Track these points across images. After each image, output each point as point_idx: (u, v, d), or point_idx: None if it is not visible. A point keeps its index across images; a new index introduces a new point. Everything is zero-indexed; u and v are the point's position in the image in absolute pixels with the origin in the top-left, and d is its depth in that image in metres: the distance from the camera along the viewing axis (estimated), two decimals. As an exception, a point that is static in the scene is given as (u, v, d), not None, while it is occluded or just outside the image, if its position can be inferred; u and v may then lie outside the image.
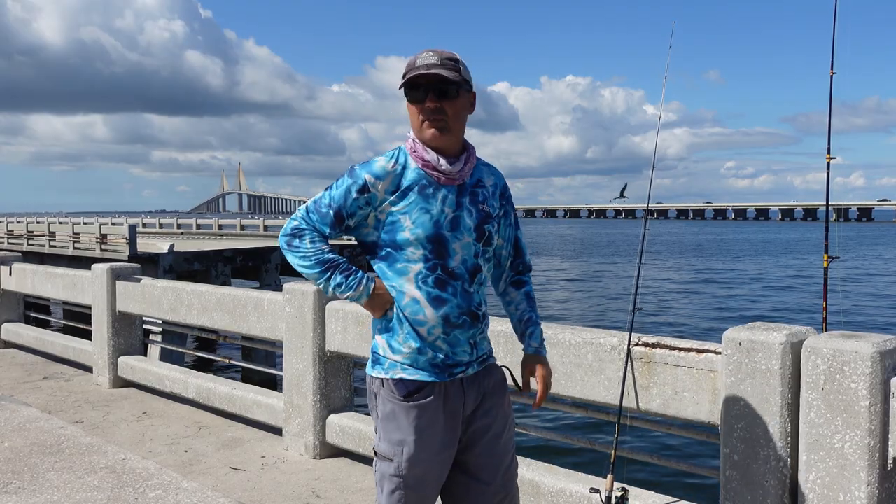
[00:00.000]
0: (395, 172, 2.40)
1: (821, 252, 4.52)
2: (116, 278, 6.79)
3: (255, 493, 4.16)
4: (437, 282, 2.37)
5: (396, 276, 2.39)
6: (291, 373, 4.82)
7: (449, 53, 2.43)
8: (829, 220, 4.50)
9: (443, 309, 2.37)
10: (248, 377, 11.99)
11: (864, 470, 2.61)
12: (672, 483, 7.38)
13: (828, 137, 4.58)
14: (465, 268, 2.41)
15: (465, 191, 2.44)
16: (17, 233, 29.39)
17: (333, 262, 2.42)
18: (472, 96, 2.48)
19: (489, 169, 2.56)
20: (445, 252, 2.38)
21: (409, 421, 2.35)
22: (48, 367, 7.70)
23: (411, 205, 2.37)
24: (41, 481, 4.15)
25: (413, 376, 2.38)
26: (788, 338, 2.82)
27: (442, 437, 2.38)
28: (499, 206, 2.52)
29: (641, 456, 3.56)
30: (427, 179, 2.40)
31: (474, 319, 2.42)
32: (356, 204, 2.39)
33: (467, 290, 2.40)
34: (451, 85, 2.37)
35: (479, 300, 2.43)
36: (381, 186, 2.38)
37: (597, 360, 3.38)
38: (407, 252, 2.38)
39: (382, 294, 2.42)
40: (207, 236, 35.15)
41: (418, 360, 2.39)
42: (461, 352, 2.41)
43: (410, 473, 2.35)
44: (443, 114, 2.37)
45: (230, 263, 21.90)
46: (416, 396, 2.36)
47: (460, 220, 2.41)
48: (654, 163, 3.68)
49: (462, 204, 2.42)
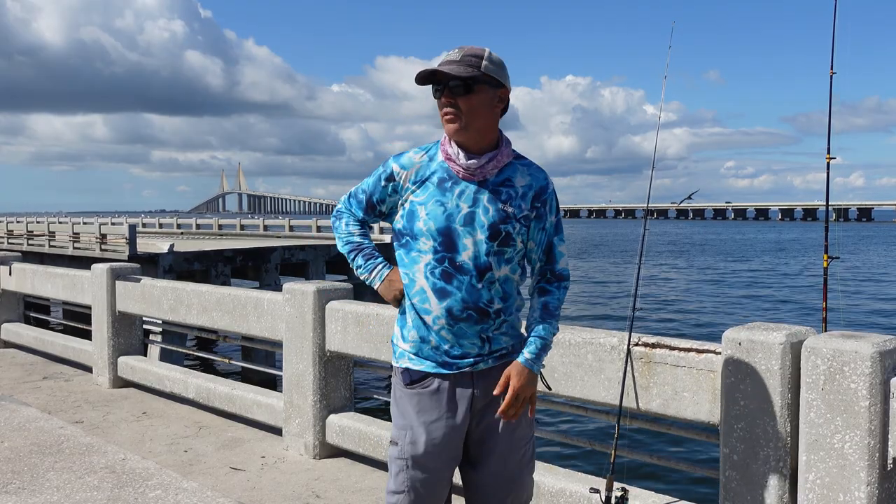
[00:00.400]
0: (422, 163, 2.48)
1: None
2: (116, 278, 6.79)
3: (255, 493, 4.16)
4: (443, 274, 2.41)
5: (410, 265, 2.46)
6: (291, 373, 4.82)
7: (476, 50, 2.43)
8: (829, 220, 4.50)
9: (446, 301, 2.41)
10: (248, 377, 11.99)
11: (863, 470, 2.61)
12: (672, 483, 7.39)
13: (828, 137, 4.58)
14: (475, 264, 2.41)
15: (486, 188, 2.44)
16: (17, 233, 29.38)
17: (358, 245, 2.61)
18: (501, 92, 2.46)
19: (528, 169, 2.51)
20: (454, 246, 2.40)
21: (412, 407, 2.45)
22: (48, 367, 7.70)
23: (429, 196, 2.44)
24: (41, 481, 4.15)
25: (417, 366, 2.46)
26: (788, 338, 2.82)
27: (445, 423, 2.43)
28: (529, 207, 2.46)
29: (641, 456, 3.56)
30: (448, 173, 2.45)
31: (482, 315, 2.42)
32: (385, 192, 2.53)
33: (474, 285, 2.41)
34: (461, 81, 2.38)
35: (489, 297, 2.42)
36: (406, 175, 2.48)
37: (597, 360, 3.38)
38: (420, 242, 2.44)
39: (395, 282, 2.52)
40: (207, 236, 35.15)
41: (422, 350, 2.46)
42: (469, 344, 2.43)
43: (413, 457, 2.43)
44: (456, 109, 2.39)
45: (230, 263, 21.88)
46: (417, 385, 2.45)
47: (475, 216, 2.42)
48: (653, 163, 3.68)
49: (479, 200, 2.42)
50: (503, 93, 2.47)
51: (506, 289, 2.45)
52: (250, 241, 28.80)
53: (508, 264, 2.46)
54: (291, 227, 35.09)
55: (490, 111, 2.44)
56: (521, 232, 2.46)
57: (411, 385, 2.46)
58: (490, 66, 2.41)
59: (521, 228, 2.45)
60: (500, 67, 2.45)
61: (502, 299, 2.44)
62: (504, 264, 2.44)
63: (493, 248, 2.42)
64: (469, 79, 2.38)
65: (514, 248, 2.46)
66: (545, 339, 2.46)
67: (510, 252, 2.45)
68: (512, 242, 2.44)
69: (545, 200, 2.50)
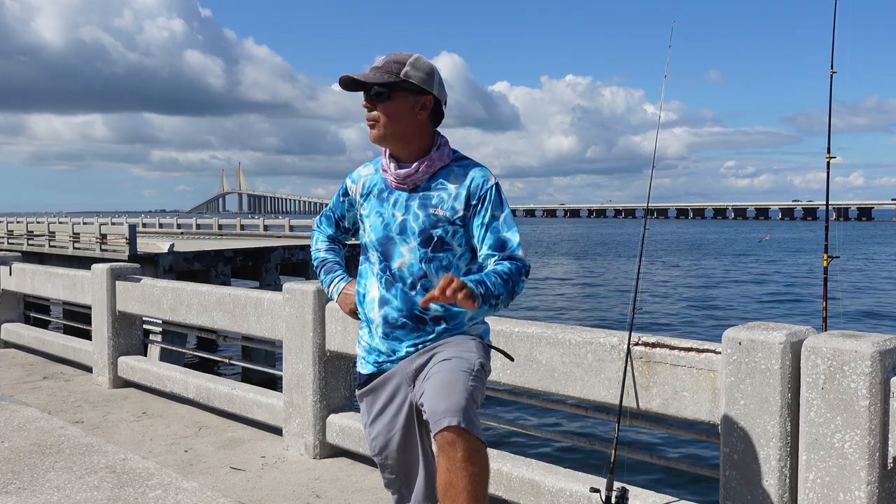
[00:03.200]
0: (368, 177, 2.56)
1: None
2: (116, 278, 6.79)
3: (255, 493, 4.16)
4: (385, 282, 2.48)
5: (367, 276, 2.54)
6: (291, 372, 4.82)
7: (400, 56, 2.42)
8: (829, 220, 4.50)
9: (384, 309, 2.47)
10: (248, 377, 12.00)
11: (864, 469, 2.61)
12: (672, 483, 7.38)
13: (828, 137, 4.58)
14: (410, 272, 2.43)
15: (416, 194, 2.45)
16: (17, 233, 29.38)
17: (322, 261, 2.74)
18: (423, 99, 2.42)
19: (465, 169, 2.46)
20: (391, 254, 2.46)
21: (364, 406, 2.63)
22: (48, 367, 7.70)
23: (371, 208, 2.52)
24: (41, 481, 4.15)
25: (364, 370, 2.60)
26: (788, 337, 2.83)
27: (391, 408, 2.54)
28: (464, 207, 2.42)
29: (641, 456, 3.56)
30: (385, 183, 2.51)
31: (417, 322, 2.44)
32: (343, 207, 2.65)
33: (407, 293, 2.43)
34: (376, 87, 2.37)
35: None
36: (356, 189, 2.57)
37: (597, 360, 3.38)
38: (370, 253, 2.53)
39: (349, 295, 2.62)
40: (207, 236, 35.15)
41: (367, 357, 2.58)
42: (405, 349, 2.50)
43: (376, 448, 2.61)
44: (374, 116, 2.41)
45: (230, 263, 21.89)
46: (364, 388, 2.60)
47: (406, 224, 2.44)
48: (654, 162, 3.68)
49: (410, 207, 2.44)
50: (426, 99, 2.43)
51: None
52: (250, 241, 28.81)
53: (447, 270, 2.42)
54: (291, 227, 35.10)
55: (412, 118, 2.41)
56: (457, 234, 2.42)
57: (359, 387, 2.61)
58: (411, 72, 2.39)
59: (456, 230, 2.42)
60: (426, 74, 2.41)
61: (443, 306, 2.41)
62: (442, 271, 2.42)
63: (427, 255, 2.42)
64: (385, 85, 2.37)
65: (452, 252, 2.43)
66: (483, 281, 2.27)
67: (447, 257, 2.43)
68: (447, 247, 2.42)
69: (482, 197, 2.42)
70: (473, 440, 2.21)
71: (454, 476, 2.19)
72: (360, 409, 2.69)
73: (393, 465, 2.60)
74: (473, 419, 2.25)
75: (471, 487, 2.19)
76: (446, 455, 2.20)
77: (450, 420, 2.19)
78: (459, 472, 2.18)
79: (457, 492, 2.19)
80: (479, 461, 2.22)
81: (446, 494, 2.21)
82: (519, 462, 3.73)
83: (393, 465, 2.60)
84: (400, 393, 2.51)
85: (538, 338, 3.56)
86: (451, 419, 2.19)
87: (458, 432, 2.19)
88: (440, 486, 2.23)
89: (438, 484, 2.24)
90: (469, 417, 2.23)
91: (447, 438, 2.19)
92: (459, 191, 2.43)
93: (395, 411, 2.53)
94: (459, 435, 2.19)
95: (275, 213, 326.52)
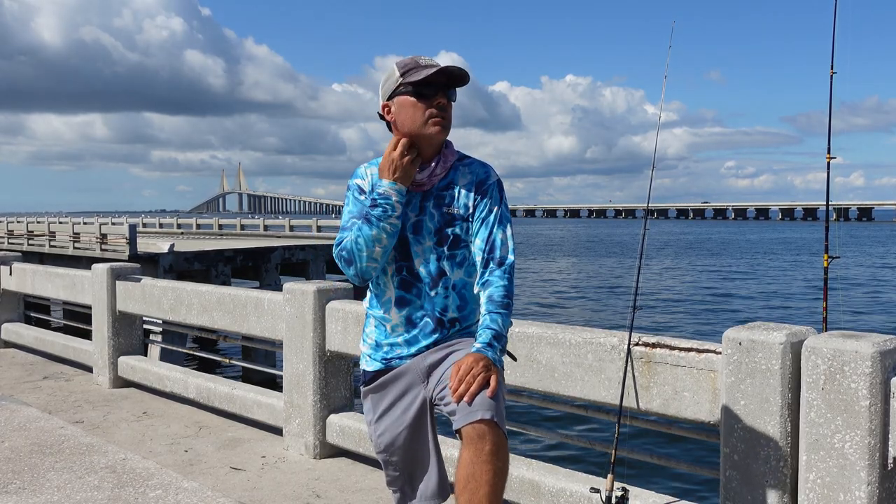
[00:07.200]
0: (373, 175, 2.53)
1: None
2: (116, 278, 6.79)
3: (256, 493, 4.16)
4: (402, 283, 2.48)
5: (382, 275, 2.52)
6: (291, 372, 4.82)
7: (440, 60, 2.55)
8: (830, 220, 4.49)
9: (405, 309, 2.48)
10: (248, 377, 11.99)
11: (864, 470, 2.61)
12: (672, 483, 7.39)
13: (828, 137, 4.58)
14: (428, 271, 2.46)
15: (431, 195, 2.48)
16: (17, 233, 29.38)
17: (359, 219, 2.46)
18: None
19: (470, 168, 2.53)
20: (409, 254, 2.46)
21: (370, 403, 2.60)
22: (48, 366, 7.70)
23: None
24: (41, 481, 4.15)
25: (370, 367, 2.58)
26: (788, 337, 2.83)
27: (401, 405, 2.52)
28: (472, 202, 2.49)
29: (641, 456, 3.55)
30: None
31: (437, 325, 2.48)
32: (366, 205, 2.50)
33: (429, 293, 2.46)
34: (462, 84, 2.45)
35: (443, 305, 2.47)
36: (366, 185, 2.54)
37: (597, 360, 3.38)
38: None
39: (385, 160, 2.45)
40: (207, 236, 35.14)
41: (375, 353, 2.56)
42: (420, 347, 2.50)
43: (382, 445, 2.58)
44: (449, 113, 2.46)
45: (230, 263, 21.89)
46: (371, 385, 2.57)
47: (422, 224, 2.47)
48: (654, 162, 3.68)
49: (425, 208, 2.47)
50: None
51: (464, 295, 2.49)
52: (250, 241, 28.80)
53: (461, 267, 2.48)
54: (291, 227, 35.11)
55: None
56: (464, 232, 2.49)
57: (365, 384, 2.59)
58: None
59: (468, 227, 2.48)
60: None
61: (458, 308, 2.49)
62: (457, 268, 2.48)
63: (445, 253, 2.46)
64: None
65: (464, 248, 2.49)
66: (495, 330, 2.34)
67: (459, 254, 2.48)
68: (462, 244, 2.48)
69: (485, 191, 2.49)
70: (501, 436, 2.25)
71: (479, 469, 2.21)
72: (362, 407, 2.68)
73: (398, 463, 2.59)
74: (503, 415, 2.30)
75: (494, 481, 2.22)
76: (474, 447, 2.22)
77: (483, 413, 2.22)
78: (485, 466, 2.21)
79: (479, 484, 2.21)
80: (504, 457, 2.26)
81: (467, 486, 2.22)
82: (519, 462, 3.73)
83: (398, 463, 2.59)
84: (412, 389, 2.51)
85: (538, 338, 3.56)
86: (486, 413, 2.22)
87: (490, 426, 2.23)
88: (461, 478, 2.24)
89: (459, 476, 2.25)
90: (500, 413, 2.28)
91: (478, 430, 2.22)
92: (469, 188, 2.50)
93: (404, 408, 2.52)
94: (491, 428, 2.22)
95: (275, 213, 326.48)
